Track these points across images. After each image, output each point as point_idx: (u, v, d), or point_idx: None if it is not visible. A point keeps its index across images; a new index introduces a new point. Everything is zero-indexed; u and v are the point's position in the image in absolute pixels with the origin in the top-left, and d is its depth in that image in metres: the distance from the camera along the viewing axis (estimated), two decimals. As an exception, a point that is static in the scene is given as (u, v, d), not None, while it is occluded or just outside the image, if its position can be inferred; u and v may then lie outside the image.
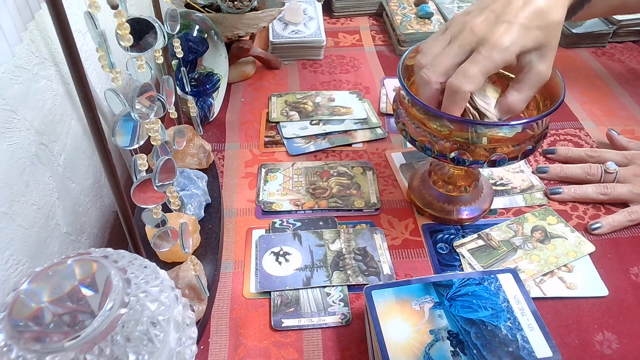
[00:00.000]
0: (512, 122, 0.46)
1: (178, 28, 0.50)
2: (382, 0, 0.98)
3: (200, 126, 0.66)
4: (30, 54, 0.46)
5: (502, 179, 0.64)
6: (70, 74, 0.32)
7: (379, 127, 0.72)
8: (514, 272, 0.47)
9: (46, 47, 0.49)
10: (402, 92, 0.51)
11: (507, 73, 0.54)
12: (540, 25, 0.45)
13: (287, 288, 0.51)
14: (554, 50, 0.47)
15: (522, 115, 0.54)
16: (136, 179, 0.38)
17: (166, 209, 0.41)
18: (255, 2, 0.76)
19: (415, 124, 0.50)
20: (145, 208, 0.40)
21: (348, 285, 0.52)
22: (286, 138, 0.70)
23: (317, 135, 0.71)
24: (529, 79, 0.47)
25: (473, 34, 0.45)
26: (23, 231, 0.44)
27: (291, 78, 0.83)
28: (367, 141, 0.70)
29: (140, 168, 0.38)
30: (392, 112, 0.75)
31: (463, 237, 0.57)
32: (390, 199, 0.62)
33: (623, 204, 0.60)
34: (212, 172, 0.63)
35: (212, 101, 0.72)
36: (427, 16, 0.91)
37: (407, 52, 0.53)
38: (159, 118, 0.39)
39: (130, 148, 0.36)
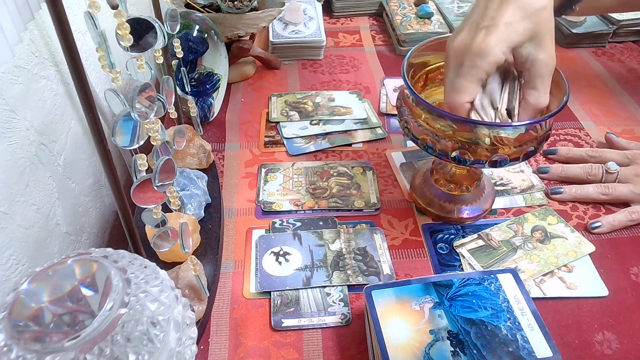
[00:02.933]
0: (516, 123, 0.46)
1: (178, 28, 0.50)
2: (382, 0, 0.99)
3: (200, 126, 0.66)
4: (30, 54, 0.46)
5: (502, 179, 0.64)
6: (70, 74, 0.32)
7: (379, 127, 0.72)
8: (514, 272, 0.47)
9: (46, 47, 0.49)
10: (406, 91, 0.51)
11: None
12: (525, 15, 0.45)
13: (287, 288, 0.51)
14: (550, 34, 0.46)
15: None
16: (136, 179, 0.38)
17: (166, 209, 0.41)
18: (255, 2, 0.76)
19: (418, 123, 0.50)
20: (145, 208, 0.40)
21: (348, 285, 0.52)
22: (286, 138, 0.70)
23: (317, 135, 0.71)
24: (535, 72, 0.46)
25: (457, 51, 0.46)
26: (23, 231, 0.43)
27: (291, 78, 0.83)
28: (367, 141, 0.70)
29: (140, 168, 0.38)
30: (392, 112, 0.75)
31: (463, 237, 0.57)
32: (390, 199, 0.62)
33: (624, 204, 0.60)
34: (212, 172, 0.63)
35: (212, 101, 0.72)
36: (427, 16, 0.91)
37: (411, 50, 0.53)
38: (159, 118, 0.39)
39: (130, 148, 0.36)
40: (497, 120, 0.47)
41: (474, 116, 0.47)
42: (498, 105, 0.48)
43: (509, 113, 0.48)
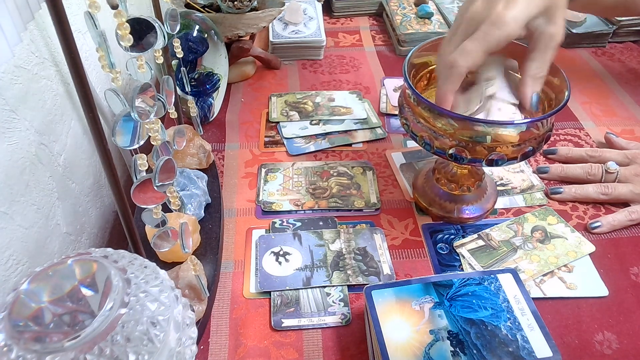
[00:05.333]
0: (517, 121, 0.46)
1: (178, 28, 0.50)
2: (382, 0, 0.99)
3: (200, 126, 0.66)
4: (30, 54, 0.46)
5: (502, 179, 0.64)
6: (70, 74, 0.32)
7: (379, 127, 0.72)
8: (514, 272, 0.47)
9: (46, 47, 0.49)
10: (408, 90, 0.51)
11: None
12: None
13: (287, 288, 0.51)
14: (562, 9, 0.46)
15: (526, 115, 0.54)
16: (136, 179, 0.38)
17: (166, 209, 0.41)
18: (255, 2, 0.76)
19: (418, 120, 0.50)
20: (145, 208, 0.40)
21: (348, 285, 0.52)
22: (286, 138, 0.70)
23: (317, 135, 0.71)
24: (540, 42, 0.46)
25: (472, 17, 0.46)
26: (23, 231, 0.43)
27: (291, 78, 0.83)
28: (367, 141, 0.70)
29: (140, 168, 0.38)
30: (392, 112, 0.75)
31: (463, 237, 0.57)
32: (390, 199, 0.62)
33: (624, 203, 0.60)
34: (212, 172, 0.63)
35: (212, 101, 0.72)
36: (427, 16, 0.91)
37: (413, 50, 0.53)
38: (159, 118, 0.39)
39: (130, 148, 0.36)
40: (518, 116, 0.48)
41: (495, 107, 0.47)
42: (515, 101, 0.48)
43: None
